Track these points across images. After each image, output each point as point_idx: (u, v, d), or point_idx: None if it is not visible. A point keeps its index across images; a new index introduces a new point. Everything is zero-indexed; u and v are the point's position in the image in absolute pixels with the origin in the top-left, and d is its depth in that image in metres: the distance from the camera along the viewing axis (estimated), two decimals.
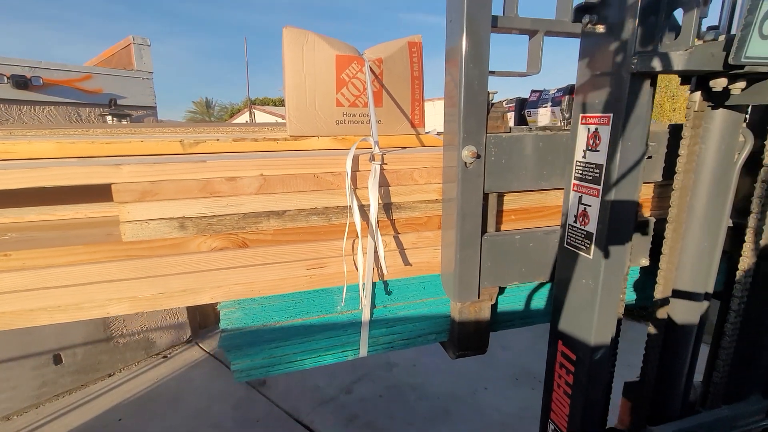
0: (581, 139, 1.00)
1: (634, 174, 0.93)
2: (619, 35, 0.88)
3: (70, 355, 5.44)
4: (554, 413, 1.16)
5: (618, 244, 0.98)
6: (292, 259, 1.09)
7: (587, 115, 0.98)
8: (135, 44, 5.77)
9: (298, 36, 1.22)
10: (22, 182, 0.92)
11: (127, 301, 1.01)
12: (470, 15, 0.97)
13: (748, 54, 0.81)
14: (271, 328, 1.11)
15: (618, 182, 0.94)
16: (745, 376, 1.28)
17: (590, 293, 1.01)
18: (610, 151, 0.93)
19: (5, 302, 0.95)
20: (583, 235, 1.02)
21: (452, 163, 1.06)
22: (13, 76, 4.63)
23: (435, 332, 1.24)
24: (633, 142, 0.92)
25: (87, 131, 1.52)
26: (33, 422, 5.00)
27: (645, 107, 0.90)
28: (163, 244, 1.00)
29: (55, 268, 0.96)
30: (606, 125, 0.93)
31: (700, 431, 1.21)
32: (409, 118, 1.37)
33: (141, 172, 0.97)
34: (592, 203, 0.99)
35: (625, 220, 0.97)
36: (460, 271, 1.10)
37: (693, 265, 1.13)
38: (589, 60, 0.96)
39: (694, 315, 1.17)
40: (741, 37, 0.80)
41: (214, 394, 5.27)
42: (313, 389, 5.30)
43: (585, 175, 1.00)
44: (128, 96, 5.73)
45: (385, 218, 1.13)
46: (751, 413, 1.26)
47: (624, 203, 0.95)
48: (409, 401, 5.06)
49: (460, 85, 0.99)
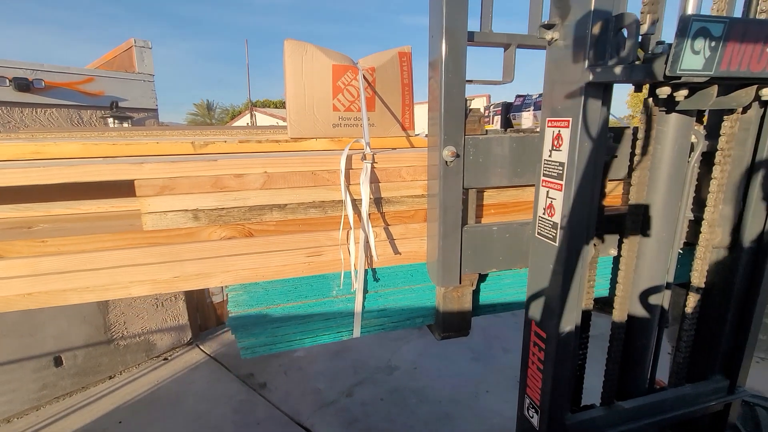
0: (547, 140, 1.17)
1: (590, 170, 1.10)
2: (575, 50, 1.05)
3: (70, 358, 5.62)
4: (529, 388, 1.32)
5: (579, 233, 1.14)
6: (292, 248, 1.26)
7: (552, 119, 1.15)
8: (136, 47, 5.99)
9: (298, 47, 1.40)
10: (58, 178, 1.10)
11: (148, 283, 1.18)
12: (449, 31, 1.14)
13: (683, 67, 0.98)
14: (273, 310, 1.29)
15: (578, 178, 1.10)
16: (707, 358, 1.44)
17: (556, 277, 1.17)
18: (570, 151, 1.10)
19: (42, 283, 1.12)
20: (550, 225, 1.18)
21: (435, 162, 1.23)
22: (15, 78, 4.82)
23: (422, 315, 1.41)
24: (590, 142, 1.08)
25: (103, 134, 1.70)
26: (33, 424, 5.17)
27: (599, 112, 1.07)
28: (179, 233, 1.18)
29: (85, 253, 1.13)
30: (566, 128, 1.10)
31: (664, 406, 1.37)
32: (399, 121, 1.54)
33: (160, 170, 1.15)
34: (557, 197, 1.15)
35: (585, 211, 1.13)
36: (442, 259, 1.27)
37: (652, 254, 1.29)
38: (553, 70, 1.13)
39: (655, 299, 1.33)
40: (675, 52, 0.96)
41: (215, 397, 5.43)
42: (314, 392, 5.45)
43: (551, 171, 1.16)
44: (129, 98, 5.94)
45: (376, 211, 1.30)
46: (712, 391, 1.42)
47: (583, 196, 1.11)
48: (410, 405, 5.20)
49: (440, 92, 1.17)
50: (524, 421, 1.36)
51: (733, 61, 1.00)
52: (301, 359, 6.13)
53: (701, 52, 0.98)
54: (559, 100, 1.12)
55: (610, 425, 1.32)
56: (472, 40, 1.17)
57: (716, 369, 1.44)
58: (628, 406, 1.34)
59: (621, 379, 1.41)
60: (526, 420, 1.35)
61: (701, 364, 1.46)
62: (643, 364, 1.39)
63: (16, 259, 1.10)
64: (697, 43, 0.96)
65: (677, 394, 1.39)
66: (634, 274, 1.33)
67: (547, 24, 1.12)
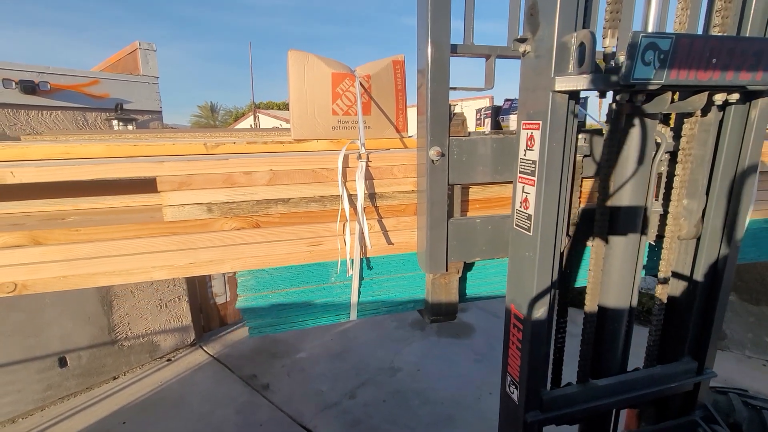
0: (522, 141, 1.35)
1: (559, 168, 1.28)
2: (543, 61, 1.24)
3: (75, 358, 5.82)
4: (510, 367, 1.50)
5: (551, 224, 1.32)
6: (295, 238, 1.45)
7: (525, 122, 1.33)
8: (141, 49, 6.24)
9: (301, 57, 1.60)
10: (91, 174, 1.30)
11: (167, 268, 1.38)
12: (434, 44, 1.33)
13: (635, 76, 1.16)
14: (278, 294, 1.48)
15: (548, 174, 1.28)
16: (676, 342, 1.61)
17: (531, 263, 1.35)
18: (541, 150, 1.28)
19: (76, 267, 1.32)
20: (525, 217, 1.37)
21: (422, 161, 1.41)
22: (21, 81, 5.05)
23: (413, 301, 1.60)
24: (558, 143, 1.26)
25: (120, 136, 1.90)
26: (38, 425, 5.37)
27: (564, 117, 1.25)
28: (194, 223, 1.37)
29: (113, 241, 1.33)
30: (537, 130, 1.28)
31: (636, 385, 1.54)
32: (394, 124, 1.73)
33: (178, 167, 1.34)
34: (531, 191, 1.33)
35: (556, 204, 1.31)
36: (430, 248, 1.45)
37: (621, 245, 1.46)
38: (525, 79, 1.32)
39: (625, 287, 1.51)
40: (627, 64, 1.15)
41: (218, 398, 5.61)
42: (316, 394, 5.62)
43: (525, 169, 1.35)
44: (134, 100, 6.18)
45: (370, 205, 1.49)
46: (682, 372, 1.59)
47: (554, 191, 1.29)
48: (412, 406, 5.35)
49: (427, 99, 1.35)
50: (506, 397, 1.54)
51: (681, 71, 1.19)
52: (303, 360, 6.31)
53: (651, 64, 1.16)
54: (531, 105, 1.30)
55: (584, 401, 1.50)
56: (455, 52, 1.36)
57: (685, 352, 1.61)
58: (601, 384, 1.51)
59: (596, 361, 1.58)
60: (508, 396, 1.53)
61: (672, 348, 1.63)
62: (616, 347, 1.57)
63: (53, 245, 1.29)
64: (648, 55, 1.15)
65: (648, 374, 1.56)
66: (606, 264, 1.50)
67: (520, 38, 1.30)
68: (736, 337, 5.55)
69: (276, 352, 6.55)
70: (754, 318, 5.40)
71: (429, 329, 7.01)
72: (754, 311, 5.40)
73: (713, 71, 1.21)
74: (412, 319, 7.35)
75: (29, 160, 1.43)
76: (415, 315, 7.55)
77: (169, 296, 6.39)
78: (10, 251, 1.26)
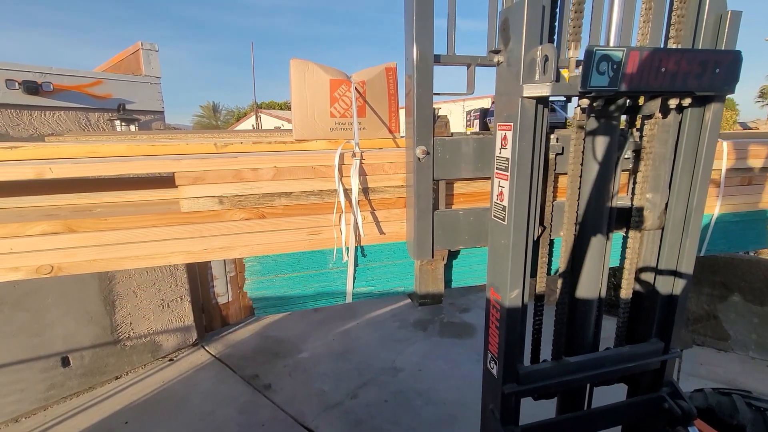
0: (498, 140, 1.58)
1: (530, 164, 1.51)
2: (514, 71, 1.47)
3: (77, 358, 6.05)
4: (490, 344, 1.73)
5: (523, 214, 1.55)
6: (296, 227, 1.69)
7: (500, 124, 1.56)
8: (143, 49, 6.50)
9: (301, 65, 1.84)
10: (118, 170, 1.55)
11: (184, 254, 1.62)
12: (420, 54, 1.56)
13: (591, 84, 1.39)
14: (281, 278, 1.72)
15: (519, 170, 1.52)
16: (644, 324, 1.84)
17: (506, 250, 1.59)
18: (512, 149, 1.51)
19: (104, 252, 1.57)
20: (501, 208, 1.60)
21: (410, 159, 1.65)
22: (24, 81, 5.29)
23: (403, 285, 1.84)
24: (527, 142, 1.49)
25: (135, 137, 2.16)
26: (41, 424, 5.60)
27: (533, 119, 1.48)
28: (207, 214, 1.61)
29: (137, 229, 1.58)
30: (510, 131, 1.51)
31: (606, 362, 1.77)
32: (387, 125, 1.97)
33: (194, 164, 1.58)
34: (505, 185, 1.57)
35: (527, 197, 1.54)
36: (417, 237, 1.69)
37: (589, 235, 1.70)
38: (500, 86, 1.55)
39: (594, 273, 1.74)
40: (584, 73, 1.38)
41: (220, 398, 5.84)
42: (318, 394, 5.84)
43: (500, 165, 1.58)
44: (136, 101, 6.43)
45: (364, 198, 1.73)
46: (648, 352, 1.82)
47: (525, 185, 1.52)
48: (414, 407, 5.55)
49: (413, 103, 1.59)
50: (487, 372, 1.77)
51: (634, 79, 1.42)
52: (305, 361, 6.55)
53: (606, 73, 1.39)
54: (504, 109, 1.54)
55: (557, 375, 1.72)
56: (438, 61, 1.60)
57: (653, 334, 1.84)
58: (573, 361, 1.74)
59: (570, 341, 1.82)
60: (488, 371, 1.76)
61: (640, 330, 1.86)
62: (588, 329, 1.80)
63: (84, 233, 1.54)
64: (602, 66, 1.38)
65: (617, 353, 1.79)
66: (577, 252, 1.74)
67: (495, 50, 1.54)
68: (739, 338, 5.73)
69: (278, 352, 6.78)
70: (759, 319, 5.58)
71: (431, 329, 7.23)
72: (758, 312, 5.58)
73: (662, 79, 1.44)
74: (414, 320, 7.57)
75: (61, 158, 1.69)
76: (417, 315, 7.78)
77: (171, 296, 6.64)
78: (49, 237, 1.51)
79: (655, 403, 1.84)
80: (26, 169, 1.49)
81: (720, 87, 1.48)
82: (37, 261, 1.52)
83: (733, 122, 9.63)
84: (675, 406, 1.80)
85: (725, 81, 1.48)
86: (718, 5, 1.57)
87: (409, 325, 7.44)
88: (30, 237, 1.49)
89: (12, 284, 5.40)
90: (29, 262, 1.51)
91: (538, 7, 1.40)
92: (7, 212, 1.63)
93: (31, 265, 1.52)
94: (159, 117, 6.70)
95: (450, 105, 15.15)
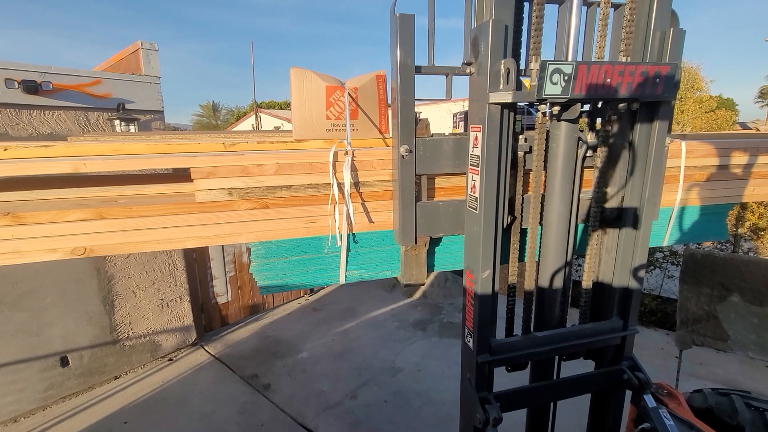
0: (471, 140, 1.92)
1: (495, 161, 1.84)
2: (482, 80, 1.81)
3: (76, 358, 6.35)
4: (467, 320, 2.07)
5: (491, 205, 1.88)
6: (295, 216, 2.04)
7: (473, 126, 1.90)
8: (143, 49, 6.86)
9: (300, 73, 2.19)
10: (143, 165, 1.90)
11: (197, 239, 1.97)
12: (402, 66, 1.90)
13: (546, 93, 1.73)
14: (282, 261, 2.07)
15: (488, 166, 1.86)
16: (606, 304, 2.18)
17: (478, 236, 1.92)
18: (482, 148, 1.85)
19: (129, 236, 1.91)
20: (474, 199, 1.94)
21: (395, 156, 1.99)
22: (23, 81, 5.60)
23: (390, 269, 2.18)
24: (493, 142, 1.83)
25: (149, 137, 2.51)
26: (40, 424, 5.88)
27: (498, 122, 1.81)
28: (218, 204, 1.96)
29: (157, 216, 1.92)
30: (480, 132, 1.86)
31: (571, 337, 2.10)
32: (377, 127, 2.32)
33: (207, 161, 1.93)
34: (477, 179, 1.91)
35: (495, 190, 1.88)
36: (402, 225, 2.03)
37: (554, 225, 2.04)
38: (472, 93, 1.89)
39: (558, 260, 2.08)
40: (539, 83, 1.72)
41: (219, 398, 6.13)
42: (318, 394, 6.13)
43: (473, 162, 1.92)
44: (136, 100, 6.76)
45: (355, 191, 2.07)
46: (609, 329, 2.15)
47: (493, 179, 1.86)
48: (414, 407, 5.84)
49: (397, 107, 1.93)
50: (465, 345, 2.11)
51: (583, 88, 1.75)
52: (305, 361, 6.87)
53: (558, 83, 1.73)
54: (475, 113, 1.88)
55: (526, 347, 2.06)
56: (419, 72, 1.94)
57: (613, 313, 2.17)
58: (540, 335, 2.07)
59: (539, 318, 2.15)
60: (466, 344, 2.10)
61: (602, 310, 2.19)
62: (554, 308, 2.13)
63: (112, 219, 1.89)
64: (555, 77, 1.72)
65: (581, 329, 2.12)
66: (544, 241, 2.07)
67: (467, 62, 1.89)
68: (739, 338, 6.01)
69: (277, 352, 7.08)
70: (758, 319, 5.85)
71: (431, 329, 7.54)
72: (757, 312, 5.86)
73: (609, 89, 1.78)
74: (413, 320, 7.88)
75: (90, 156, 2.04)
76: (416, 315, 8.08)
77: (171, 296, 6.96)
78: (82, 223, 1.85)
79: (616, 375, 2.17)
80: (64, 164, 1.84)
81: (660, 95, 1.82)
82: (72, 243, 1.87)
83: (732, 122, 9.89)
84: (633, 377, 2.13)
85: (665, 90, 1.81)
86: (662, 23, 1.91)
87: (409, 325, 7.74)
88: (66, 223, 1.84)
89: (11, 284, 5.72)
90: (65, 244, 1.86)
91: (501, 26, 1.74)
92: (45, 202, 1.98)
93: (67, 247, 1.86)
94: (158, 116, 7.01)
95: (441, 108, 17.41)
